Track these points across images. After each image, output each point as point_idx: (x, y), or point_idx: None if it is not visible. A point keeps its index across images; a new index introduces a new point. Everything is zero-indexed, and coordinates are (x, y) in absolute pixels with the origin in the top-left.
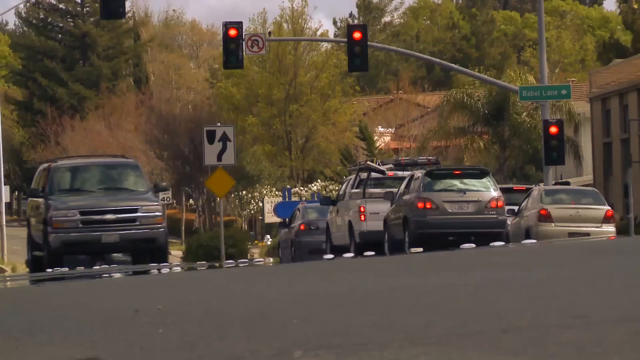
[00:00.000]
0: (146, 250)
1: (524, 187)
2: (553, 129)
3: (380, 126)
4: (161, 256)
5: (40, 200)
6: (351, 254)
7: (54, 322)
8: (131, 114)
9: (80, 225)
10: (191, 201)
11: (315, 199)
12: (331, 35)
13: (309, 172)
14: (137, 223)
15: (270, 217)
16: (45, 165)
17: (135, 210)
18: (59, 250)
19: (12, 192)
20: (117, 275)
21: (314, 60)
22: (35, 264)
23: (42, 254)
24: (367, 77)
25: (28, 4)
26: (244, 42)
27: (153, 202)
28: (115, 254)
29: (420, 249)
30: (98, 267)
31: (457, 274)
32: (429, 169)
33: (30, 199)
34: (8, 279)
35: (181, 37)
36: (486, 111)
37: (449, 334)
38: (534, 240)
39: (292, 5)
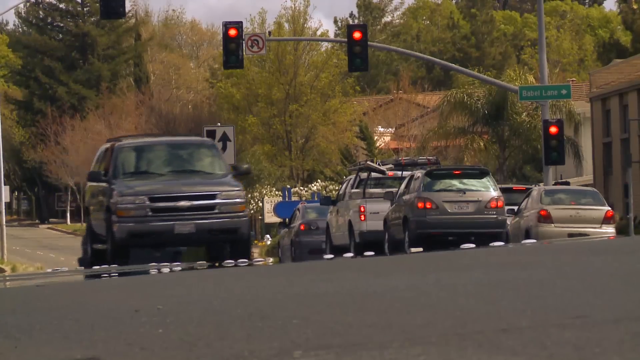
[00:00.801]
0: (225, 243)
1: (523, 187)
2: (553, 129)
3: (380, 126)
4: (243, 249)
5: (103, 185)
6: (351, 254)
7: (54, 322)
8: (131, 114)
9: (150, 214)
10: None
11: (315, 199)
12: (331, 35)
13: (309, 172)
14: (216, 211)
15: (270, 217)
16: (108, 145)
17: (213, 196)
18: (125, 242)
19: (12, 192)
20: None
21: (314, 60)
22: (97, 259)
23: (105, 247)
24: (367, 77)
25: (28, 4)
26: (244, 42)
27: (233, 186)
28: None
29: (420, 249)
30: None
31: (457, 274)
32: (428, 169)
33: (89, 184)
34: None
35: (181, 37)
36: (486, 111)
37: (449, 334)
38: (534, 240)
39: (294, 5)
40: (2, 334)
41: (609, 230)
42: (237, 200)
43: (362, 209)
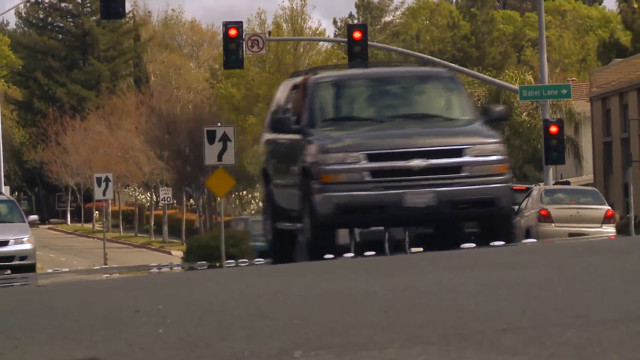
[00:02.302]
0: (475, 220)
1: (523, 187)
2: (553, 129)
3: None
4: (502, 228)
5: (293, 137)
6: (351, 254)
7: (54, 322)
8: (131, 114)
9: (369, 179)
10: (192, 201)
11: None
12: (330, 35)
13: None
14: (464, 174)
15: None
16: (297, 79)
17: (459, 152)
18: (331, 220)
19: (12, 192)
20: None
21: (314, 60)
22: (282, 245)
23: (296, 226)
24: None
25: (28, 4)
26: (244, 42)
27: (488, 137)
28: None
29: (420, 249)
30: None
31: (457, 273)
32: None
33: (267, 136)
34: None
35: (181, 37)
36: None
37: (449, 333)
38: (534, 240)
39: (292, 4)
40: (2, 334)
41: (610, 229)
42: (494, 157)
43: None
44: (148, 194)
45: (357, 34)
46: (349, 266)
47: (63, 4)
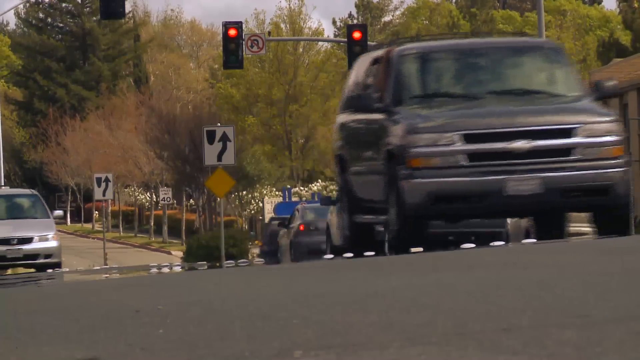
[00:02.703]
0: (586, 210)
1: None
2: None
3: None
4: (617, 220)
5: (375, 116)
6: (351, 254)
7: (54, 322)
8: (131, 114)
9: (464, 163)
10: (191, 201)
11: (316, 199)
12: (330, 35)
13: (309, 172)
14: (574, 157)
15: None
16: (378, 52)
17: (568, 132)
18: (422, 211)
19: None
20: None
21: (314, 60)
22: (361, 241)
23: (378, 219)
24: None
25: (28, 4)
26: (243, 42)
27: (601, 115)
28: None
29: (420, 249)
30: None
31: (457, 273)
32: None
33: (342, 116)
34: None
35: (181, 37)
36: None
37: (449, 333)
38: (534, 240)
39: (289, 5)
40: (2, 334)
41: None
42: (608, 138)
43: None
44: (148, 194)
45: (357, 34)
46: (349, 266)
47: (63, 4)
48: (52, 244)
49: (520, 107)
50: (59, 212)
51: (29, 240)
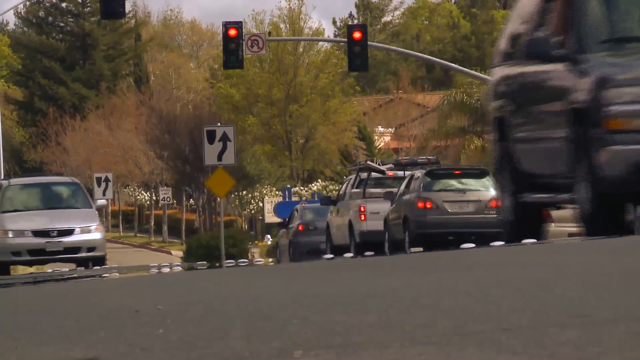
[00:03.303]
0: None
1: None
2: None
3: (380, 126)
4: None
5: (552, 67)
6: (351, 254)
7: (54, 322)
8: (131, 114)
9: None
10: (191, 201)
11: (316, 199)
12: (330, 35)
13: (309, 172)
14: None
15: (271, 217)
16: None
17: None
18: (625, 185)
19: None
20: None
21: (314, 60)
22: (527, 221)
23: (557, 198)
24: (367, 77)
25: (28, 4)
26: (243, 42)
27: None
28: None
29: (420, 249)
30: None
31: (457, 274)
32: (429, 168)
33: (504, 71)
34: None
35: (181, 37)
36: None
37: (449, 333)
38: (534, 240)
39: (289, 5)
40: (2, 334)
41: None
42: None
43: (363, 209)
44: (148, 194)
45: (357, 34)
46: (349, 266)
47: (63, 4)
48: (96, 235)
49: None
50: (102, 202)
51: (70, 232)
